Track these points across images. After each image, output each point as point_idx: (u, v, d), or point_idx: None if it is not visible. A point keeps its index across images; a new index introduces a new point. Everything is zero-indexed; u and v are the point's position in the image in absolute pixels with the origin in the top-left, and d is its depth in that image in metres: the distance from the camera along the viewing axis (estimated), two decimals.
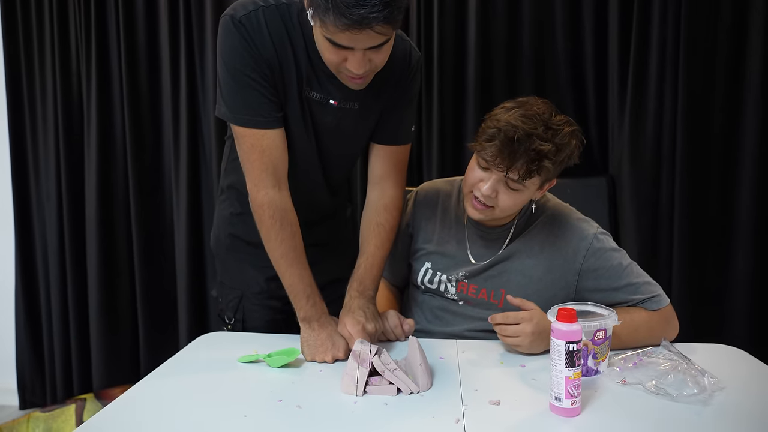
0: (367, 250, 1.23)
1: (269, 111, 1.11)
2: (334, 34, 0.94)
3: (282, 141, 1.14)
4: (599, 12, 1.84)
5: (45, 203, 2.26)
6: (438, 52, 1.90)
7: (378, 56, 1.01)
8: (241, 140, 1.13)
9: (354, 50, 0.97)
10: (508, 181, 1.11)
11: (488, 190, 1.12)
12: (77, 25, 2.14)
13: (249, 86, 1.08)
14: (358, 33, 0.92)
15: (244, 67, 1.07)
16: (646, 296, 1.18)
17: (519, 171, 1.08)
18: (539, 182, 1.13)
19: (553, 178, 1.17)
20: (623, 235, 1.86)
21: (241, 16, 1.07)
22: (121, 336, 2.23)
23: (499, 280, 1.24)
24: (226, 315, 1.38)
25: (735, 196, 1.81)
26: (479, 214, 1.16)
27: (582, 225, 1.22)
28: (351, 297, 1.18)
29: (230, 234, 1.36)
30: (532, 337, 1.09)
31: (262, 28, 1.07)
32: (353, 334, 1.10)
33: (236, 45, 1.07)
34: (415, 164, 1.99)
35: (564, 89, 1.89)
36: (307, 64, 1.12)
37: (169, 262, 2.18)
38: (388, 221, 1.25)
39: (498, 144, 1.07)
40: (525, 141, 1.05)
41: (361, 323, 1.11)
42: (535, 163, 1.07)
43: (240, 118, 1.11)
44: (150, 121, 2.14)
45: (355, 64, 0.99)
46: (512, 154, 1.06)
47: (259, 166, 1.12)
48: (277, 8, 1.09)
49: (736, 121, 1.79)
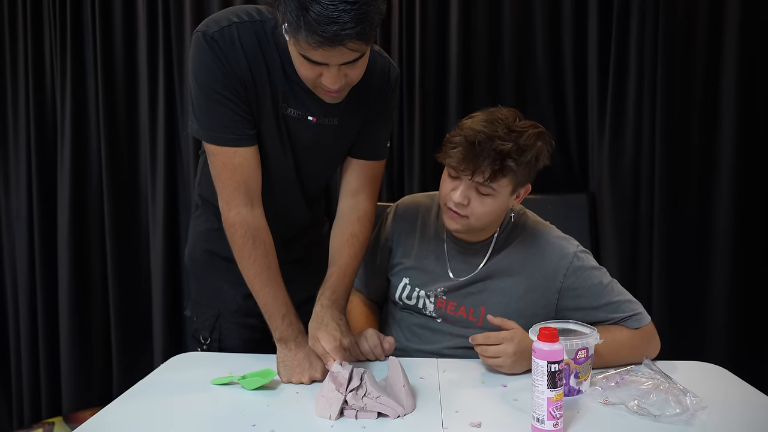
0: (339, 260, 1.21)
1: (241, 128, 1.09)
2: (307, 51, 0.94)
3: (255, 159, 1.12)
4: (578, 30, 1.87)
5: (14, 222, 2.19)
6: (419, 69, 1.91)
7: (353, 71, 1.00)
8: (213, 158, 1.11)
9: (329, 66, 0.96)
10: (477, 187, 1.11)
11: (459, 197, 1.12)
12: (52, 38, 2.10)
13: (221, 103, 1.06)
14: (331, 50, 0.91)
15: (216, 84, 1.06)
16: (627, 314, 1.17)
17: (484, 174, 1.08)
18: (510, 185, 1.13)
19: (525, 183, 1.16)
20: (603, 251, 1.86)
21: (213, 32, 1.05)
22: (93, 356, 2.16)
23: (478, 298, 1.22)
24: (201, 335, 1.33)
25: (713, 212, 1.83)
26: (455, 224, 1.15)
27: (562, 243, 1.21)
28: (323, 306, 1.14)
29: (206, 250, 1.33)
30: (513, 357, 1.07)
31: (235, 44, 1.06)
32: (329, 351, 1.05)
33: (208, 62, 1.05)
34: (396, 180, 1.98)
35: (545, 106, 1.91)
36: (283, 81, 1.10)
37: (144, 280, 2.12)
38: (361, 233, 1.24)
39: (461, 150, 1.08)
40: (486, 143, 1.07)
41: (337, 338, 1.07)
42: (498, 162, 1.07)
43: (211, 135, 1.09)
44: (126, 136, 2.10)
45: (331, 79, 0.98)
46: (475, 158, 1.07)
47: (231, 184, 1.10)
48: (251, 24, 1.07)
49: (713, 139, 1.82)
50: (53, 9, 2.07)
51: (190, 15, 1.98)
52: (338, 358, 1.04)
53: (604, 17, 1.83)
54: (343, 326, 1.12)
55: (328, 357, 1.05)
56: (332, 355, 1.05)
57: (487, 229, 1.21)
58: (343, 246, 1.22)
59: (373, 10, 0.89)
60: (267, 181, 1.16)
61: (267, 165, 1.16)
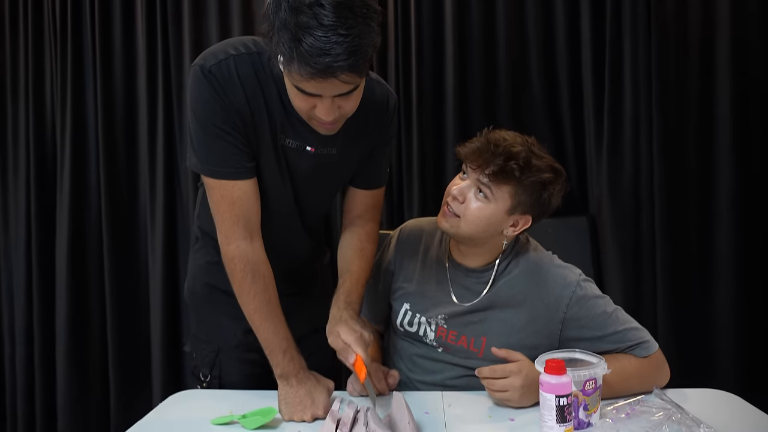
0: (351, 268, 1.20)
1: (240, 161, 1.08)
2: (300, 82, 0.93)
3: (253, 192, 1.11)
4: (572, 52, 1.89)
5: (12, 253, 2.18)
6: (417, 95, 1.92)
7: (347, 103, 1.00)
8: (212, 191, 1.11)
9: (322, 97, 0.96)
10: (479, 186, 1.12)
11: (457, 191, 1.14)
12: (53, 69, 2.12)
13: (219, 137, 1.06)
14: (324, 81, 0.90)
15: (214, 117, 1.05)
16: (634, 342, 1.14)
17: (490, 168, 1.10)
18: (509, 199, 1.12)
19: (526, 210, 1.15)
20: (606, 273, 1.85)
21: (211, 66, 1.05)
22: (91, 391, 2.12)
23: (479, 328, 1.20)
24: (201, 372, 1.31)
25: (714, 228, 1.82)
26: (445, 222, 1.16)
27: (564, 272, 1.19)
28: (339, 308, 1.12)
29: (206, 283, 1.31)
30: (521, 390, 1.05)
31: (233, 77, 1.05)
32: (351, 343, 1.03)
33: (206, 95, 1.05)
34: (396, 207, 1.97)
35: (542, 128, 1.91)
36: (281, 112, 1.10)
37: (143, 315, 2.10)
38: (370, 248, 1.24)
39: (478, 143, 1.13)
40: (502, 143, 1.12)
41: (358, 331, 1.05)
42: (505, 161, 1.09)
43: (210, 169, 1.08)
44: (125, 167, 2.10)
45: (324, 111, 0.98)
46: (486, 153, 1.11)
47: (230, 217, 1.09)
48: (249, 56, 1.07)
49: (711, 154, 1.82)
50: (54, 40, 2.09)
51: (189, 46, 2.00)
52: (359, 350, 1.02)
53: (598, 37, 1.84)
54: (362, 323, 1.10)
55: (349, 350, 1.03)
56: (354, 347, 1.02)
57: (487, 255, 1.20)
58: (353, 257, 1.22)
59: (366, 43, 0.89)
60: (266, 213, 1.15)
61: (266, 197, 1.15)
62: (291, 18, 0.87)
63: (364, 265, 1.21)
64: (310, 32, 0.85)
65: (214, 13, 2.00)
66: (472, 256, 1.21)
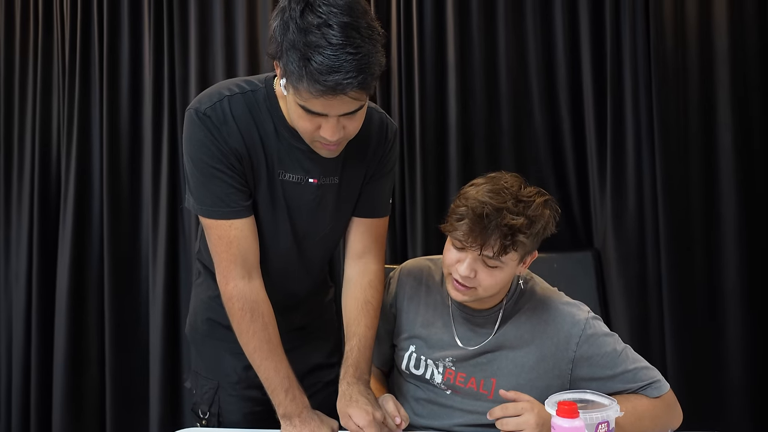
0: (358, 331, 1.18)
1: (236, 201, 1.09)
2: (307, 101, 0.94)
3: (251, 230, 1.11)
4: (574, 91, 1.91)
5: (13, 284, 2.16)
6: (420, 131, 1.93)
7: (352, 123, 1.00)
8: (209, 231, 1.11)
9: (328, 117, 0.97)
10: (484, 259, 1.07)
11: (466, 271, 1.07)
12: (60, 103, 2.14)
13: (215, 177, 1.07)
14: (332, 99, 0.91)
15: (210, 159, 1.06)
16: (645, 382, 1.12)
17: (493, 248, 1.04)
18: (518, 257, 1.09)
19: (533, 251, 1.13)
20: (612, 308, 1.82)
21: (206, 109, 1.06)
22: (87, 428, 2.07)
23: (489, 369, 1.17)
24: (200, 409, 1.27)
25: (721, 262, 1.81)
26: (462, 295, 1.11)
27: (572, 310, 1.17)
28: (349, 384, 1.11)
29: (208, 318, 1.29)
30: (537, 429, 1.01)
31: (227, 118, 1.07)
32: (364, 427, 1.03)
33: (201, 138, 1.06)
34: (399, 240, 1.96)
35: (544, 163, 1.92)
36: (279, 147, 1.11)
37: (142, 350, 2.06)
38: (375, 298, 1.21)
39: (468, 223, 1.04)
40: (495, 216, 1.03)
41: (370, 413, 1.05)
42: (509, 238, 1.03)
43: (207, 209, 1.09)
44: (129, 201, 2.11)
45: (329, 131, 0.98)
46: (484, 231, 1.03)
47: (227, 257, 1.09)
48: (243, 96, 1.09)
49: (714, 191, 1.82)
50: (62, 74, 2.12)
51: (194, 80, 2.03)
52: None
53: (598, 72, 1.86)
54: (372, 400, 1.09)
55: None
56: (366, 430, 1.03)
57: (494, 297, 1.17)
58: (359, 315, 1.19)
59: (374, 61, 0.91)
60: (264, 251, 1.14)
61: (263, 236, 1.15)
62: (299, 38, 0.89)
63: (370, 323, 1.19)
64: (319, 51, 0.88)
65: (219, 47, 2.03)
66: (479, 302, 1.17)
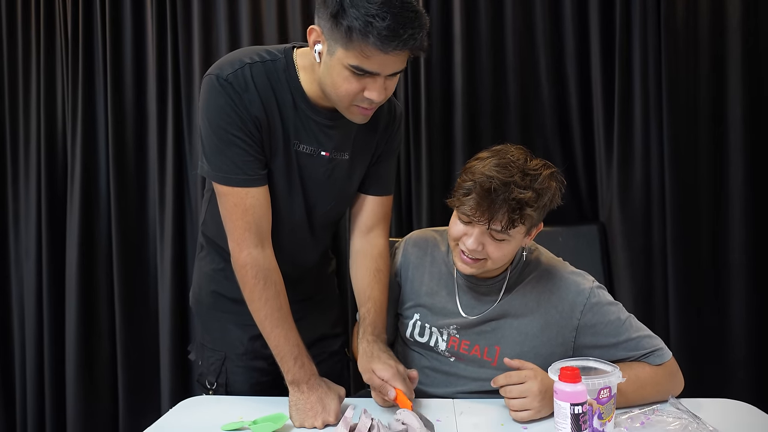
0: (373, 295, 1.21)
1: (254, 169, 1.10)
2: (365, 60, 0.97)
3: (266, 199, 1.12)
4: (582, 63, 1.88)
5: (24, 260, 2.19)
6: (425, 104, 1.91)
7: (392, 84, 1.05)
8: (224, 199, 1.11)
9: (376, 77, 1.00)
10: (492, 233, 1.07)
11: (473, 244, 1.08)
12: (64, 80, 2.14)
13: (234, 144, 1.07)
14: (393, 55, 0.96)
15: (230, 125, 1.06)
16: (647, 350, 1.13)
17: (501, 222, 1.04)
18: (525, 229, 1.10)
19: (539, 223, 1.14)
20: (617, 282, 1.83)
21: (228, 75, 1.07)
22: (100, 398, 2.11)
23: (493, 336, 1.19)
24: (207, 380, 1.30)
25: (727, 239, 1.80)
26: (470, 268, 1.13)
27: (577, 279, 1.18)
28: (369, 342, 1.15)
29: (213, 291, 1.31)
30: (540, 396, 1.03)
31: (249, 85, 1.07)
32: (388, 379, 1.06)
33: (222, 104, 1.06)
34: (405, 215, 1.97)
35: (550, 137, 1.90)
36: (295, 118, 1.12)
37: (152, 322, 2.09)
38: (386, 267, 1.25)
39: (475, 197, 1.04)
40: (503, 191, 1.03)
41: (393, 366, 1.08)
42: (517, 212, 1.04)
43: (223, 176, 1.09)
44: (135, 177, 2.11)
45: (377, 90, 1.01)
46: (491, 206, 1.03)
47: (242, 225, 1.10)
48: (263, 64, 1.10)
49: (722, 165, 1.81)
50: (65, 54, 2.11)
51: (198, 57, 2.02)
52: (398, 385, 1.05)
53: (607, 45, 1.83)
54: (393, 355, 1.13)
55: (387, 386, 1.06)
56: (391, 382, 1.05)
57: (499, 267, 1.19)
58: (372, 282, 1.22)
59: (426, 25, 0.99)
60: (276, 221, 1.16)
61: (277, 205, 1.16)
62: None
63: (383, 288, 1.23)
64: (388, 8, 0.93)
65: (223, 24, 2.02)
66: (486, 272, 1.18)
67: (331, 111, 1.12)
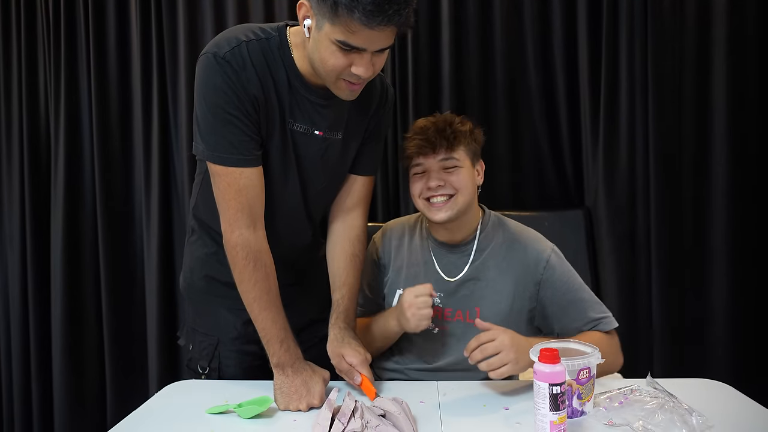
0: (347, 281, 1.24)
1: (249, 149, 1.09)
2: (351, 35, 0.97)
3: (259, 180, 1.12)
4: (569, 48, 1.88)
5: (8, 246, 2.17)
6: (413, 87, 1.91)
7: (379, 61, 1.05)
8: (218, 179, 1.11)
9: (363, 53, 1.00)
10: (443, 164, 1.21)
11: (434, 182, 1.20)
12: (46, 64, 2.10)
13: (231, 123, 1.07)
14: (377, 30, 0.96)
15: (227, 104, 1.06)
16: (599, 316, 1.23)
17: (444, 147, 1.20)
18: (467, 158, 1.23)
19: (478, 158, 1.28)
20: (601, 266, 1.85)
21: (225, 53, 1.06)
22: (87, 384, 2.12)
23: (472, 299, 1.26)
24: (199, 364, 1.30)
25: (709, 224, 1.83)
26: (444, 212, 1.21)
27: (540, 239, 1.30)
28: (340, 329, 1.19)
29: (205, 275, 1.30)
30: (514, 347, 1.06)
31: (246, 63, 1.07)
32: (357, 365, 1.11)
33: (219, 82, 1.05)
34: (392, 197, 1.97)
35: (537, 121, 1.91)
36: (290, 96, 1.12)
37: (138, 307, 2.09)
38: (361, 252, 1.28)
39: (418, 140, 1.22)
40: (434, 127, 1.23)
41: (362, 353, 1.13)
42: (451, 135, 1.21)
43: (218, 156, 1.09)
44: (120, 160, 2.09)
45: (363, 66, 1.02)
46: (431, 139, 1.21)
47: (235, 205, 1.10)
48: (258, 42, 1.09)
49: (706, 151, 1.82)
50: (47, 34, 2.08)
51: (183, 39, 1.99)
52: (364, 371, 1.10)
53: (594, 31, 1.84)
54: (362, 343, 1.17)
55: (354, 372, 1.11)
56: (359, 368, 1.10)
57: (466, 227, 1.27)
58: (348, 267, 1.25)
59: (413, 2, 0.99)
60: (271, 204, 1.16)
61: (272, 185, 1.16)
62: None
63: (357, 274, 1.27)
64: None
65: (209, 6, 1.99)
66: (454, 232, 1.27)
67: (324, 89, 1.12)
